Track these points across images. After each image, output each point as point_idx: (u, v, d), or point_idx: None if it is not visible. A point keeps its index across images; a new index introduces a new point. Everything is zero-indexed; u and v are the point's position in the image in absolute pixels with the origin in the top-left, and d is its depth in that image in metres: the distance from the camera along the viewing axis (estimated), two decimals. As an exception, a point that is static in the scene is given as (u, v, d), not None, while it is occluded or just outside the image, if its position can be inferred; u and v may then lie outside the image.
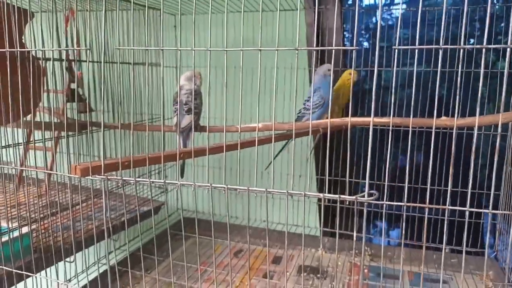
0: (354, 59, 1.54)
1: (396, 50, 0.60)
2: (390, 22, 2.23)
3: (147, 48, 0.87)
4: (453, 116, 0.98)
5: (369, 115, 1.51)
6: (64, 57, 1.34)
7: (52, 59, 1.20)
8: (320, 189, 1.68)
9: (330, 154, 1.61)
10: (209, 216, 1.73)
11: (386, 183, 0.64)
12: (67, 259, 1.23)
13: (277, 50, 0.76)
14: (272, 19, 1.34)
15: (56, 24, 1.24)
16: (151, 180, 0.87)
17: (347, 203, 1.55)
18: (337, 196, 0.67)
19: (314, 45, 1.62)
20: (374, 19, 2.08)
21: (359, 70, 1.59)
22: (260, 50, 0.81)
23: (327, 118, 1.42)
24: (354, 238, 0.87)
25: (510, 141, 1.35)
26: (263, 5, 1.54)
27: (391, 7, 2.13)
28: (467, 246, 1.50)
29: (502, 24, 1.53)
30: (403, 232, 0.73)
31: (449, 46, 0.60)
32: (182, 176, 1.13)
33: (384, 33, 2.04)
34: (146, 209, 1.59)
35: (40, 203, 1.38)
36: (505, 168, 1.39)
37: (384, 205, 0.64)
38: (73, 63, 1.38)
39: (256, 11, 1.58)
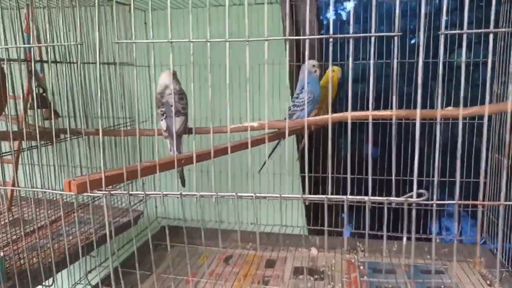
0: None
1: (443, 36, 0.56)
2: (344, 18, 2.24)
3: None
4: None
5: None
6: (21, 59, 1.20)
7: (6, 59, 1.06)
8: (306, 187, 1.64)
9: (317, 152, 1.57)
10: (191, 223, 1.64)
11: (436, 180, 0.59)
12: (45, 283, 1.11)
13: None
14: (250, 13, 1.28)
15: (11, 22, 1.11)
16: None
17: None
18: (384, 198, 0.62)
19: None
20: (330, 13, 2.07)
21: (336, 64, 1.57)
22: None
23: (316, 114, 1.37)
24: (407, 240, 0.82)
25: (495, 129, 1.37)
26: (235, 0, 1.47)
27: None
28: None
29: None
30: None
31: (499, 30, 0.56)
32: (184, 185, 1.04)
33: (337, 28, 2.03)
34: (126, 220, 1.47)
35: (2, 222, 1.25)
36: (490, 156, 1.41)
37: (434, 205, 0.60)
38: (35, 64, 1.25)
39: (234, 5, 1.50)
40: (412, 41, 2.02)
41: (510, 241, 1.26)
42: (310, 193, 1.60)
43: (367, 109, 1.39)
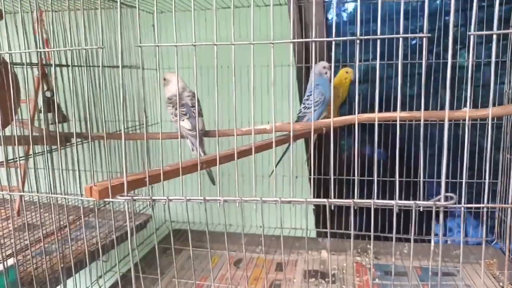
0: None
1: (473, 36, 0.55)
2: (344, 19, 2.24)
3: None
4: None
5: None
6: (35, 63, 1.18)
7: (25, 64, 1.05)
8: (318, 191, 1.63)
9: (327, 154, 1.57)
10: (200, 226, 1.63)
11: (464, 182, 0.58)
12: (57, 288, 1.09)
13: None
14: (259, 15, 1.27)
15: (23, 26, 1.10)
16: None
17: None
18: (412, 202, 0.61)
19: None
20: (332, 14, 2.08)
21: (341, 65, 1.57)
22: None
23: (325, 116, 1.37)
24: (433, 242, 0.83)
25: (507, 130, 1.37)
26: (244, 1, 1.47)
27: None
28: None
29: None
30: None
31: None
32: (214, 183, 1.06)
33: (340, 29, 2.04)
34: (136, 224, 1.46)
35: (15, 226, 1.23)
36: (502, 156, 1.40)
37: (462, 209, 0.59)
38: (45, 69, 1.23)
39: (243, 7, 1.50)
40: (413, 42, 2.02)
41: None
42: (316, 196, 1.61)
43: (371, 110, 1.40)
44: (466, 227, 2.30)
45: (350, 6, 2.19)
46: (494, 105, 1.38)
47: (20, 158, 1.00)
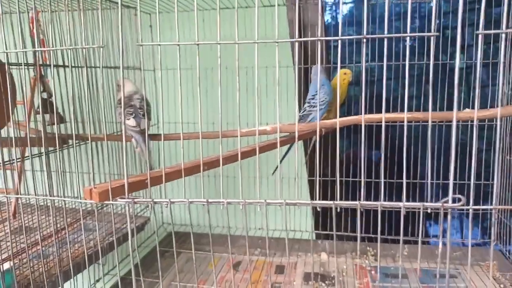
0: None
1: (480, 36, 0.55)
2: (338, 20, 2.24)
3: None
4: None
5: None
6: (31, 63, 1.17)
7: (22, 64, 1.03)
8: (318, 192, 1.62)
9: (325, 155, 1.56)
10: (198, 228, 1.61)
11: (472, 184, 0.58)
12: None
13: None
14: (251, 16, 1.27)
15: (19, 27, 1.08)
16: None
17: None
18: (420, 204, 0.60)
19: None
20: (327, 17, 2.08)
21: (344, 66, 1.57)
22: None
23: (325, 117, 1.36)
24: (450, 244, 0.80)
25: (501, 130, 1.37)
26: (242, 2, 1.46)
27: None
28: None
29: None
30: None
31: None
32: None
33: (337, 31, 2.03)
34: (134, 226, 1.44)
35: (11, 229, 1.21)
36: (497, 157, 1.40)
37: (470, 210, 0.59)
38: (41, 69, 1.21)
39: (242, 7, 1.49)
40: (409, 43, 2.03)
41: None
42: (319, 198, 1.59)
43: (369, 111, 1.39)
44: (462, 229, 2.30)
45: (345, 8, 2.20)
46: (491, 106, 1.39)
47: (17, 160, 0.98)
